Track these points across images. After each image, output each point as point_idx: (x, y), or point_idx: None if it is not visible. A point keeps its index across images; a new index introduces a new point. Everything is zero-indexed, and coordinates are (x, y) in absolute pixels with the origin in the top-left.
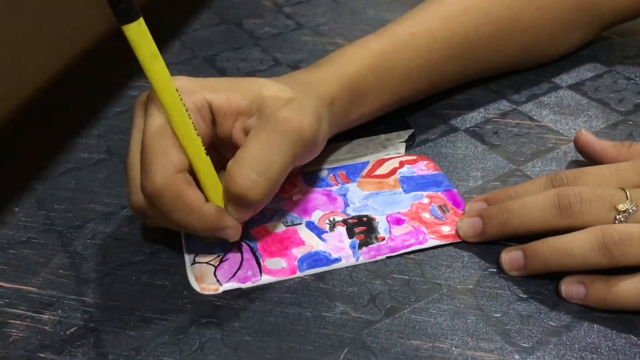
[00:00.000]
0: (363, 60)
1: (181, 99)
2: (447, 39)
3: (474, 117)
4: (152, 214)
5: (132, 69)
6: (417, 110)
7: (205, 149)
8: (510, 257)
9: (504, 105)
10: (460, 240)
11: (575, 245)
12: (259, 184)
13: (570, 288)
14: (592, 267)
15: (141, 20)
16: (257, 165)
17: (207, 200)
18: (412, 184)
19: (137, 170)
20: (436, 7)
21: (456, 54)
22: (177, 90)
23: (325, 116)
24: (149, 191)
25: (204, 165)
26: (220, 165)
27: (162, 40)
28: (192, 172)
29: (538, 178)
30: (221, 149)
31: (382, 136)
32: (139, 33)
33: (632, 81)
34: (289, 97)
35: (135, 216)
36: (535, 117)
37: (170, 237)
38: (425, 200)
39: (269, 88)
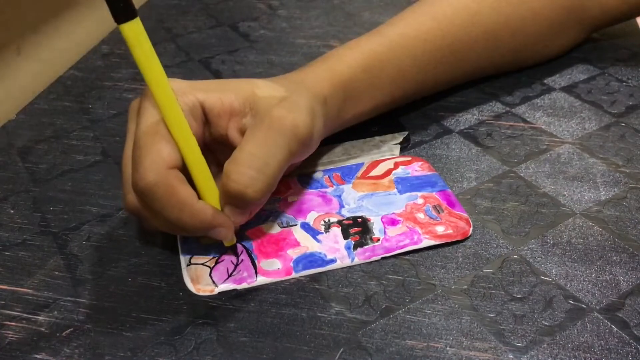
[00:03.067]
0: (355, 60)
1: (176, 99)
2: (438, 38)
3: (468, 119)
4: (146, 214)
5: (128, 72)
6: (412, 112)
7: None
8: None
9: (498, 107)
10: (454, 240)
11: None
12: (257, 181)
13: None
14: None
15: (138, 19)
16: (254, 162)
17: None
18: (406, 184)
19: (131, 172)
20: (427, 8)
21: (447, 55)
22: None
23: (319, 114)
24: (140, 187)
25: (199, 165)
26: (216, 168)
27: (157, 43)
28: (186, 172)
29: None
30: (217, 151)
31: (377, 138)
32: (135, 32)
33: (624, 83)
34: (282, 95)
35: (131, 216)
36: (528, 119)
37: (166, 239)
38: (420, 201)
39: (262, 88)
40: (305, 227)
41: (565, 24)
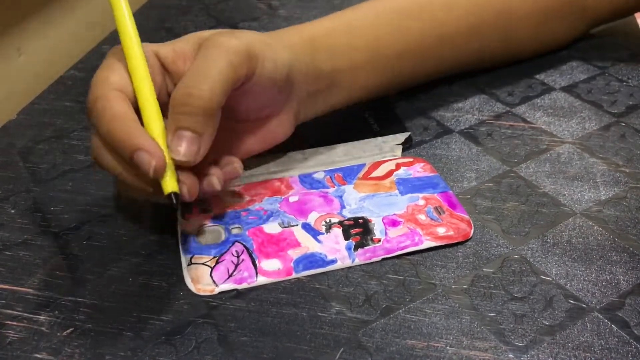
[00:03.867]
0: (325, 22)
1: (138, 37)
2: (415, 12)
3: (468, 119)
4: (98, 151)
5: None
6: (412, 111)
7: (155, 90)
8: None
9: (498, 107)
10: (455, 242)
11: None
12: (201, 83)
13: None
14: None
15: None
16: (197, 72)
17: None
18: (408, 185)
19: None
20: None
21: (427, 30)
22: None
23: (277, 49)
24: (88, 107)
25: (148, 99)
26: None
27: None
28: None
29: None
30: None
31: (379, 138)
32: None
33: (624, 83)
34: (227, 31)
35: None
36: (528, 119)
37: (166, 239)
38: (421, 202)
39: (211, 32)
40: (306, 227)
41: (559, 13)
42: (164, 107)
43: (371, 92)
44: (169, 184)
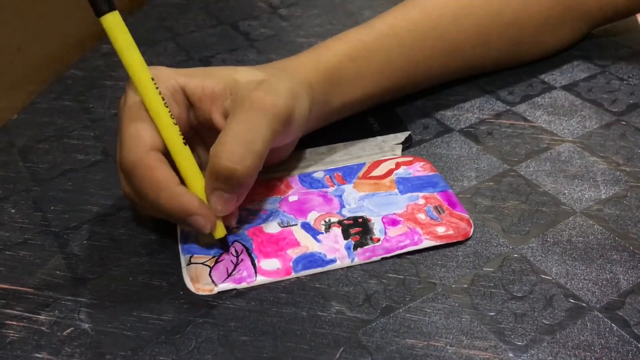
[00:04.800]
0: (341, 49)
1: (157, 88)
2: (428, 29)
3: (469, 117)
4: (136, 199)
5: None
6: (412, 110)
7: (184, 139)
8: None
9: (498, 105)
10: (455, 241)
11: None
12: (246, 158)
13: None
14: None
15: (116, 12)
16: (241, 141)
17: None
18: (408, 185)
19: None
20: (417, 1)
21: (438, 45)
22: (152, 78)
23: (302, 96)
24: (123, 168)
25: (181, 152)
26: (205, 152)
27: (157, 42)
28: (171, 160)
29: None
30: (205, 136)
31: (379, 138)
32: (114, 23)
33: (625, 82)
34: (261, 79)
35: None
36: (529, 118)
37: (166, 238)
38: (421, 201)
39: (242, 73)
40: (306, 227)
41: (562, 18)
42: (186, 136)
43: (373, 106)
44: (219, 231)
